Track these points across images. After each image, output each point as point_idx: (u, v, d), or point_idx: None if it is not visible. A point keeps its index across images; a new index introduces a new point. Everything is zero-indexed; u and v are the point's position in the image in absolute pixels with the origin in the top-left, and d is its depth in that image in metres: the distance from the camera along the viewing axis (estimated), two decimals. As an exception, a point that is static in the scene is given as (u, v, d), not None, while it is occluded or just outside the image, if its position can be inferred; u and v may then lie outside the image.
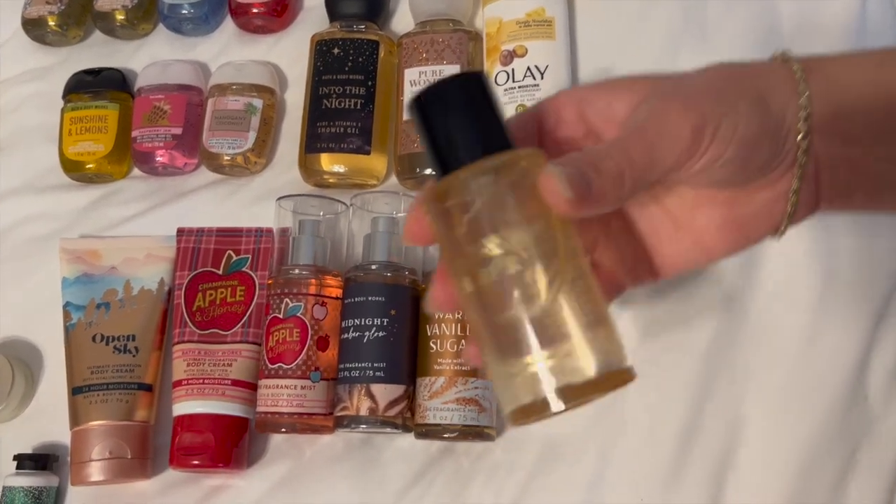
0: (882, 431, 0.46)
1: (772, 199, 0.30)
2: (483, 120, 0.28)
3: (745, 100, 0.28)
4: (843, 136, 0.29)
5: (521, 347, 0.26)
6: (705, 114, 0.27)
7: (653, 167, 0.27)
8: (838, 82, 0.29)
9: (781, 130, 0.28)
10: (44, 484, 0.49)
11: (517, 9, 0.54)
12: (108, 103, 0.58)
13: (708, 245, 0.31)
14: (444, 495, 0.48)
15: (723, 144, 0.27)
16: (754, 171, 0.29)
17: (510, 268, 0.26)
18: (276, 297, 0.49)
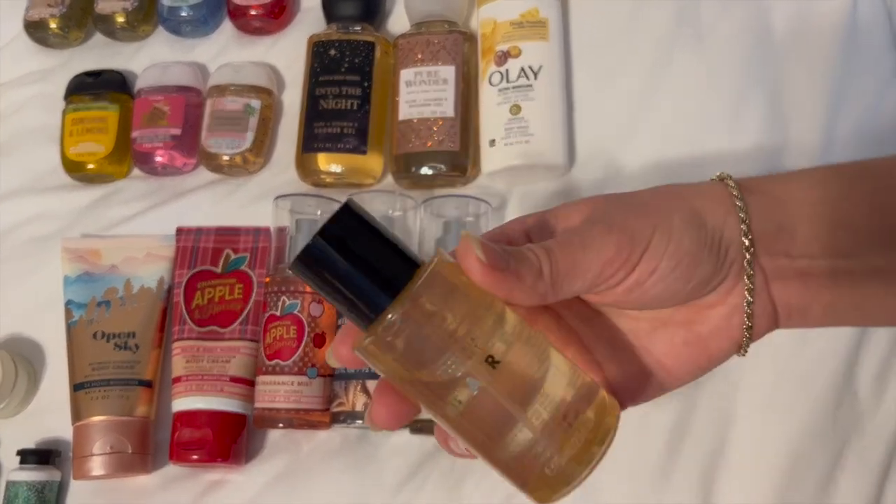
0: (871, 427, 0.47)
1: (727, 313, 0.30)
2: (375, 253, 0.25)
3: (679, 215, 0.28)
4: (786, 252, 0.29)
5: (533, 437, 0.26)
6: (634, 231, 0.28)
7: (574, 273, 0.27)
8: (777, 199, 0.30)
9: (719, 244, 0.29)
10: (46, 478, 0.50)
11: (511, 10, 0.55)
12: (109, 104, 0.59)
13: (670, 369, 0.30)
14: (440, 490, 0.48)
15: (655, 259, 0.28)
16: (697, 285, 0.29)
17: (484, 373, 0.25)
18: (274, 294, 0.50)
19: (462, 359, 0.25)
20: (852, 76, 0.54)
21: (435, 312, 0.25)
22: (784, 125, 0.53)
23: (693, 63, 0.56)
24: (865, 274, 0.29)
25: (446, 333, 0.25)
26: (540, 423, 0.26)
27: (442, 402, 0.26)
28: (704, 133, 0.54)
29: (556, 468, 0.26)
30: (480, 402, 0.26)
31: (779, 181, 0.31)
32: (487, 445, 0.26)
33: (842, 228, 0.29)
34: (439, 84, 0.54)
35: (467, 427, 0.26)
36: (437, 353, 0.25)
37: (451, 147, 0.53)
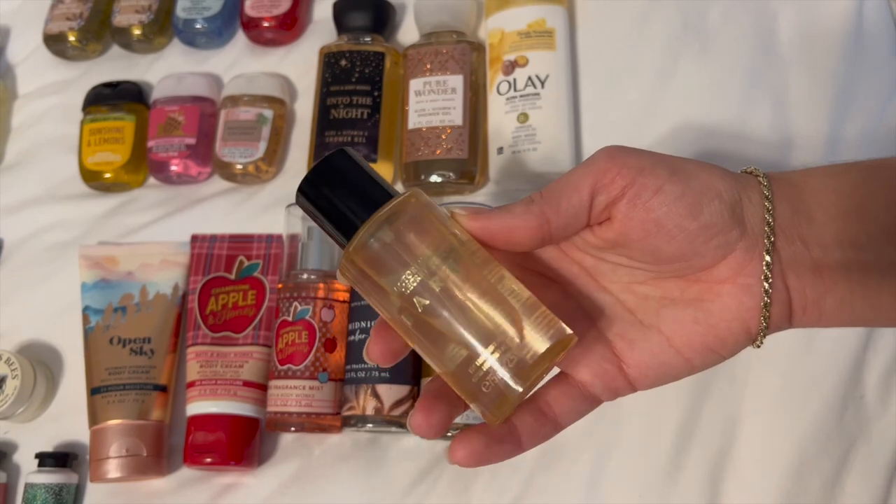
0: (878, 431, 0.47)
1: (739, 294, 0.30)
2: (359, 185, 0.30)
3: (696, 165, 0.30)
4: (803, 238, 0.29)
5: (470, 354, 0.29)
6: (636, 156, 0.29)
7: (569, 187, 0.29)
8: (796, 185, 0.30)
9: (734, 205, 0.29)
10: (64, 481, 0.51)
11: (519, 20, 0.56)
12: (126, 115, 0.60)
13: (680, 345, 0.30)
14: (449, 493, 0.49)
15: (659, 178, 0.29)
16: (704, 231, 0.29)
17: (434, 287, 0.29)
18: (286, 300, 0.51)
19: (416, 277, 0.29)
20: (857, 82, 0.54)
21: (399, 235, 0.29)
22: (789, 131, 0.54)
23: (699, 70, 0.56)
24: (880, 269, 0.29)
25: (407, 253, 0.29)
26: (477, 344, 0.29)
27: (399, 316, 0.30)
28: (710, 139, 0.54)
29: (490, 387, 0.29)
30: (428, 318, 0.29)
31: (796, 172, 0.31)
32: (433, 359, 0.30)
33: (857, 220, 0.29)
34: (448, 93, 0.55)
35: (418, 339, 0.30)
36: (396, 269, 0.29)
37: (459, 155, 0.54)
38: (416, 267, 0.29)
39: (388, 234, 0.29)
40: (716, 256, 0.30)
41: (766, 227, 0.29)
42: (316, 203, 0.31)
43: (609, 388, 0.32)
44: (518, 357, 0.28)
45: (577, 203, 0.29)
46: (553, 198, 0.29)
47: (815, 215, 0.30)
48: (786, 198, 0.30)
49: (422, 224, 0.30)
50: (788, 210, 0.30)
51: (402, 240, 0.29)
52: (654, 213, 0.29)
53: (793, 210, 0.30)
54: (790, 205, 0.30)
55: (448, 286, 0.29)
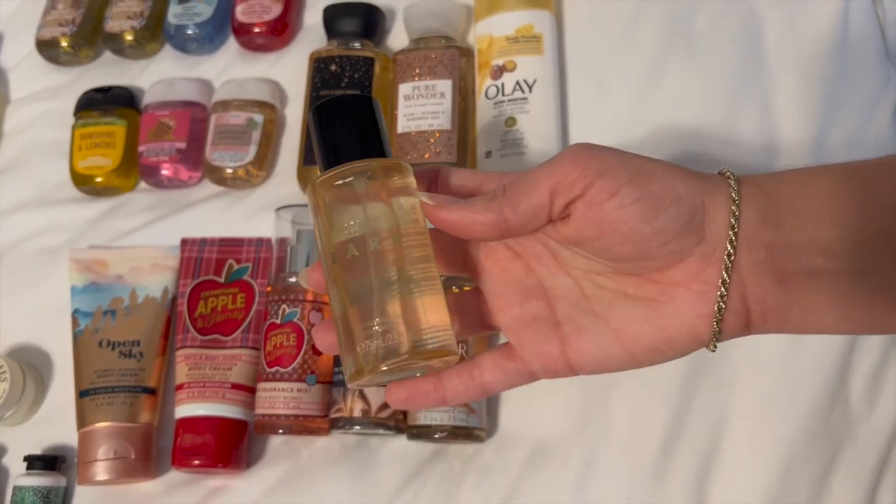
0: (864, 433, 0.47)
1: (692, 300, 0.29)
2: (364, 132, 0.32)
3: (661, 167, 0.30)
4: (768, 244, 0.29)
5: (363, 313, 0.31)
6: (599, 157, 0.29)
7: (529, 187, 0.29)
8: (765, 191, 0.30)
9: (695, 210, 0.29)
10: (52, 484, 0.51)
11: (507, 25, 0.56)
12: (117, 119, 0.61)
13: (627, 342, 0.30)
14: (437, 495, 0.49)
15: (616, 182, 0.29)
16: (660, 235, 0.29)
17: (370, 246, 0.31)
18: (274, 303, 0.51)
19: (360, 230, 0.31)
20: (844, 88, 0.55)
21: (368, 190, 0.31)
22: (776, 136, 0.54)
23: (686, 75, 0.57)
24: (851, 276, 0.29)
25: (366, 207, 0.31)
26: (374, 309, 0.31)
27: (327, 255, 0.32)
28: (698, 144, 0.55)
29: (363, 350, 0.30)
30: (349, 266, 0.31)
31: (770, 176, 0.31)
32: (334, 298, 0.32)
33: (829, 226, 0.29)
34: (437, 98, 0.56)
35: (331, 279, 0.32)
36: (348, 213, 0.31)
37: (448, 159, 0.55)
38: (365, 222, 0.31)
39: (361, 184, 0.31)
40: (669, 260, 0.29)
41: (729, 232, 0.29)
42: (322, 124, 0.32)
43: (548, 369, 0.32)
44: (396, 342, 0.30)
45: (535, 203, 0.30)
46: (513, 196, 0.30)
47: (784, 222, 0.29)
48: (754, 204, 0.29)
49: (391, 193, 0.31)
50: (756, 217, 0.29)
51: (368, 194, 0.31)
52: (608, 215, 0.29)
53: (760, 217, 0.29)
54: (758, 211, 0.29)
55: (382, 252, 0.30)
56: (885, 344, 0.49)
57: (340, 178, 0.31)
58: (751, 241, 0.29)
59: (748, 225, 0.29)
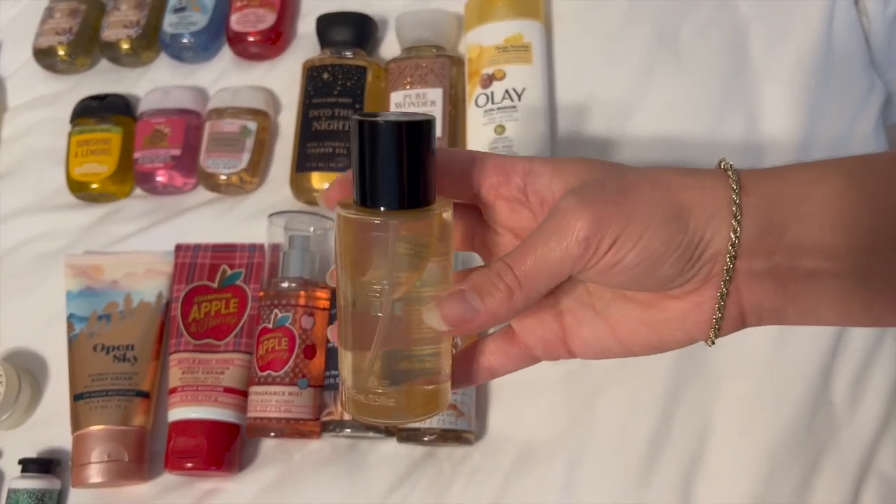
0: (847, 435, 0.48)
1: (686, 309, 0.30)
2: (416, 170, 0.28)
3: (661, 212, 0.28)
4: (767, 253, 0.29)
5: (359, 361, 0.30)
6: (604, 223, 0.28)
7: (547, 277, 0.29)
8: (769, 199, 0.29)
9: (695, 247, 0.29)
10: (47, 487, 0.52)
11: (496, 35, 0.57)
12: (113, 127, 0.61)
13: (623, 338, 0.31)
14: (427, 498, 0.50)
15: (621, 253, 0.28)
16: (660, 280, 0.29)
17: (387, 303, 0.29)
18: (267, 308, 0.52)
19: (385, 287, 0.29)
20: (828, 96, 0.56)
21: (397, 250, 0.29)
22: (761, 144, 0.55)
23: (673, 83, 0.58)
24: (854, 277, 0.29)
25: (393, 264, 0.29)
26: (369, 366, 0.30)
27: (344, 295, 0.30)
28: (684, 152, 0.56)
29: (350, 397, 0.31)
30: (364, 312, 0.30)
31: (775, 178, 0.30)
32: (344, 332, 0.31)
33: (836, 230, 0.28)
34: (427, 106, 0.57)
35: (346, 313, 0.30)
36: (376, 265, 0.29)
37: (438, 166, 0.55)
38: (390, 280, 0.29)
39: (397, 244, 0.29)
40: (668, 289, 0.30)
41: (729, 247, 0.29)
42: (365, 145, 0.28)
43: (550, 353, 0.33)
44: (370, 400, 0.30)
45: (556, 282, 0.30)
46: (534, 285, 0.29)
47: (789, 228, 0.29)
48: (757, 217, 0.29)
49: (420, 255, 0.29)
50: (757, 229, 0.29)
51: (397, 252, 0.29)
52: (612, 280, 0.29)
53: (762, 229, 0.29)
54: (760, 224, 0.29)
55: (395, 311, 0.29)
56: (868, 348, 0.50)
57: (379, 229, 0.28)
58: (751, 252, 0.29)
59: (749, 240, 0.29)
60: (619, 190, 0.29)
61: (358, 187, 0.29)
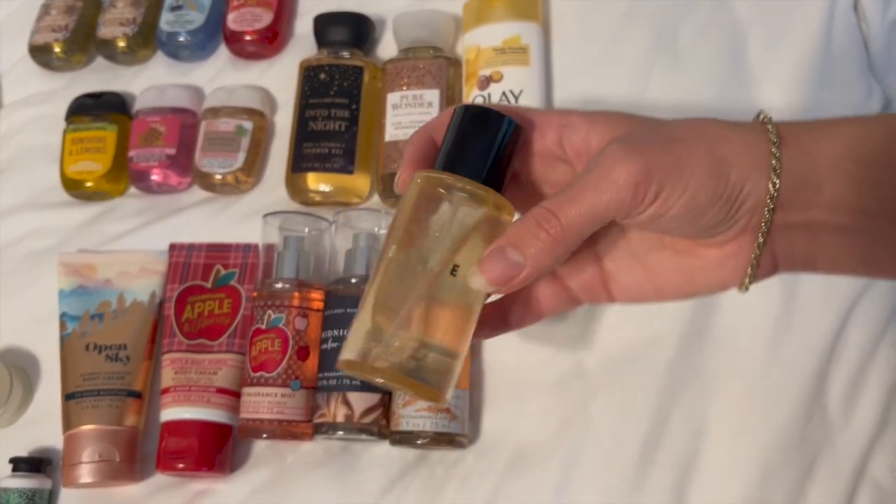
0: (841, 441, 0.48)
1: (721, 258, 0.31)
2: (496, 157, 0.31)
3: (703, 164, 0.29)
4: (803, 206, 0.30)
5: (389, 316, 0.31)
6: (653, 171, 0.28)
7: (592, 221, 0.29)
8: (808, 153, 0.29)
9: (734, 199, 0.29)
10: (37, 486, 0.52)
11: (494, 37, 0.57)
12: (108, 125, 0.61)
13: (658, 284, 0.33)
14: (419, 500, 0.49)
15: (668, 203, 0.29)
16: (701, 229, 0.30)
17: (430, 264, 0.31)
18: (260, 308, 0.51)
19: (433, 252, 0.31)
20: (827, 100, 0.56)
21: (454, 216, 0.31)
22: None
23: (671, 87, 0.57)
24: (885, 232, 0.30)
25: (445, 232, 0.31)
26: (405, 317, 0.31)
27: (388, 249, 0.31)
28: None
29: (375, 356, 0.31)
30: (397, 270, 0.31)
31: (815, 132, 0.30)
32: (370, 294, 0.31)
33: (872, 188, 0.29)
34: (424, 107, 0.56)
35: (379, 277, 0.31)
36: (426, 230, 0.31)
37: (434, 167, 0.55)
38: (437, 245, 0.31)
39: (464, 208, 0.31)
40: (709, 237, 0.31)
41: (767, 200, 0.29)
42: (465, 128, 0.32)
43: (591, 297, 0.34)
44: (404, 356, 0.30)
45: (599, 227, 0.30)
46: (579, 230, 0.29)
47: (825, 184, 0.29)
48: (796, 171, 0.29)
49: (481, 231, 0.31)
50: (795, 183, 0.29)
51: (453, 218, 0.31)
52: (656, 227, 0.31)
53: (801, 182, 0.29)
54: (798, 178, 0.29)
55: (436, 274, 0.30)
56: (863, 354, 0.49)
57: (458, 188, 0.31)
58: (788, 205, 0.30)
59: (787, 193, 0.29)
60: (665, 139, 0.30)
61: (446, 155, 0.32)
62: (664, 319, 0.51)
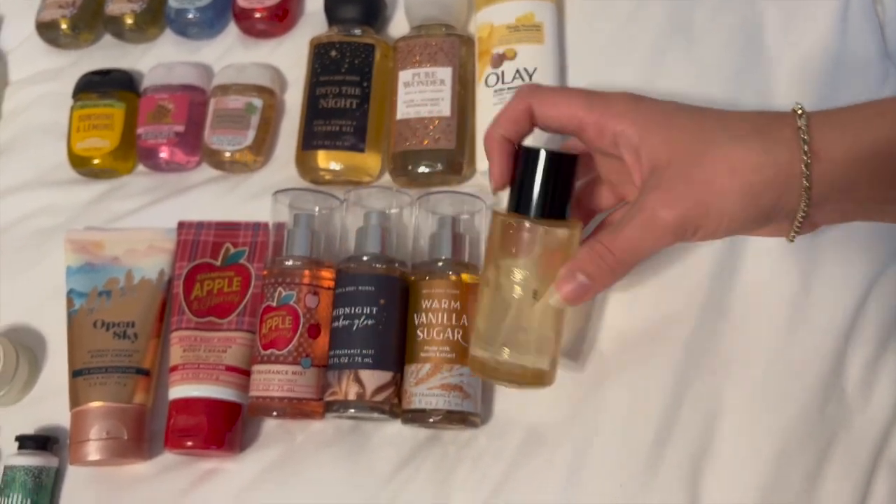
0: (859, 423, 0.47)
1: (765, 232, 0.39)
2: (560, 192, 0.41)
3: (737, 201, 0.35)
4: (837, 200, 0.35)
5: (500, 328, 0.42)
6: (690, 217, 0.36)
7: (640, 257, 0.38)
8: (841, 164, 0.34)
9: (767, 215, 0.36)
10: (43, 464, 0.51)
11: (508, 14, 0.56)
12: (116, 102, 0.60)
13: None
14: (431, 480, 0.49)
15: (705, 236, 0.36)
16: (738, 233, 0.38)
17: (517, 291, 0.42)
18: (271, 286, 0.51)
19: (521, 278, 0.41)
20: (841, 84, 0.55)
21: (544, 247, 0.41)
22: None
23: (684, 67, 0.57)
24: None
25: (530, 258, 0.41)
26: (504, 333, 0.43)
27: (484, 280, 0.44)
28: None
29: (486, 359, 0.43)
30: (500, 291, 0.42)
31: (851, 130, 0.34)
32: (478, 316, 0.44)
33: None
34: (436, 85, 0.56)
35: (482, 302, 0.44)
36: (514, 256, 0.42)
37: (447, 145, 0.55)
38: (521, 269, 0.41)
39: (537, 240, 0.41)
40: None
41: (801, 208, 0.35)
42: (528, 170, 0.41)
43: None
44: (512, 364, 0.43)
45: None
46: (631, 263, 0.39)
47: (858, 186, 0.34)
48: (828, 181, 0.34)
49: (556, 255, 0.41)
50: (827, 190, 0.35)
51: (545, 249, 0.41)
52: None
53: (832, 188, 0.34)
54: (830, 185, 0.34)
55: (523, 296, 0.41)
56: (882, 335, 0.49)
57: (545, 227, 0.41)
58: (822, 202, 0.35)
59: (819, 198, 0.35)
60: (701, 182, 0.35)
61: (516, 198, 0.41)
62: (680, 299, 0.50)
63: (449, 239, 0.51)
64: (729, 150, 0.35)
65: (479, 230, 0.54)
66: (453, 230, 0.51)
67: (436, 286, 0.49)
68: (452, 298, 0.49)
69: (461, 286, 0.49)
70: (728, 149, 0.35)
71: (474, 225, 0.54)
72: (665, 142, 0.36)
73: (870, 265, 0.50)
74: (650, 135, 0.37)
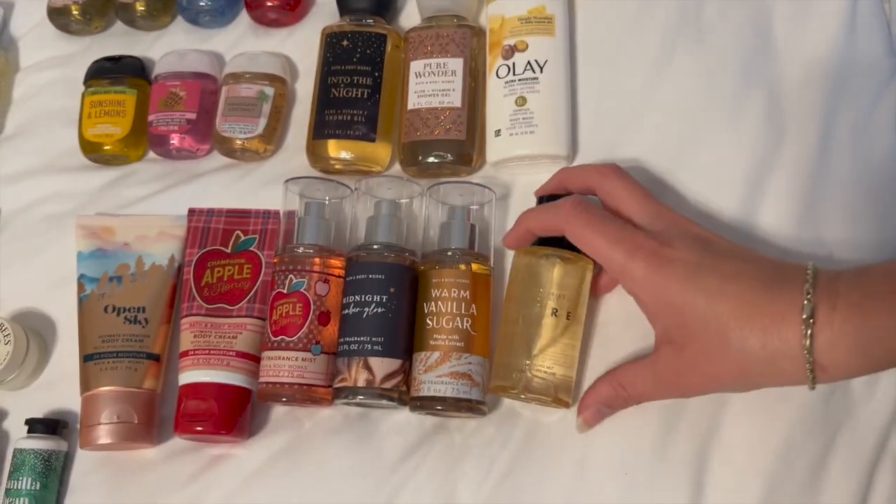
0: (863, 416, 0.47)
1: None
2: None
3: (735, 377, 0.42)
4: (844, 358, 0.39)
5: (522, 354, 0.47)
6: (693, 387, 0.44)
7: (648, 399, 0.47)
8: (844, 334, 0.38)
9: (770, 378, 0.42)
10: (53, 447, 0.51)
11: (519, 6, 0.57)
12: (127, 89, 0.61)
13: None
14: (438, 468, 0.49)
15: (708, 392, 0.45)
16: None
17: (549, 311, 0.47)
18: (282, 273, 0.51)
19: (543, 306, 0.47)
20: (849, 80, 0.55)
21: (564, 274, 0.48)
22: (782, 124, 0.55)
23: (694, 62, 0.57)
24: None
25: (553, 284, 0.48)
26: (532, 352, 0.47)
27: (508, 308, 0.49)
28: (703, 129, 0.55)
29: (514, 378, 0.47)
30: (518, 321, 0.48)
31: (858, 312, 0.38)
32: (504, 338, 0.49)
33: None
34: (448, 75, 0.56)
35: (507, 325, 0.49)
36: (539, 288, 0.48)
37: (457, 136, 0.55)
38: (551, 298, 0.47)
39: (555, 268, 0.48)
40: None
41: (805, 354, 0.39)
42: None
43: None
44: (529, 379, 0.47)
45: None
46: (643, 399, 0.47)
47: (867, 353, 0.38)
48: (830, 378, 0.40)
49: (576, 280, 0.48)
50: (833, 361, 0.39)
51: (565, 276, 0.48)
52: None
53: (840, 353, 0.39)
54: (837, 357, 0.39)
55: (544, 318, 0.47)
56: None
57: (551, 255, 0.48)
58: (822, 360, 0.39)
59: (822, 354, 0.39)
60: (709, 376, 0.42)
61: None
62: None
63: (459, 229, 0.51)
64: (738, 355, 0.40)
65: (488, 221, 0.54)
66: (463, 220, 0.52)
67: (445, 275, 0.49)
68: (462, 288, 0.49)
69: (471, 276, 0.49)
70: (737, 354, 0.40)
71: (484, 215, 0.54)
72: (679, 326, 0.42)
73: (874, 259, 0.50)
74: (665, 318, 0.43)
